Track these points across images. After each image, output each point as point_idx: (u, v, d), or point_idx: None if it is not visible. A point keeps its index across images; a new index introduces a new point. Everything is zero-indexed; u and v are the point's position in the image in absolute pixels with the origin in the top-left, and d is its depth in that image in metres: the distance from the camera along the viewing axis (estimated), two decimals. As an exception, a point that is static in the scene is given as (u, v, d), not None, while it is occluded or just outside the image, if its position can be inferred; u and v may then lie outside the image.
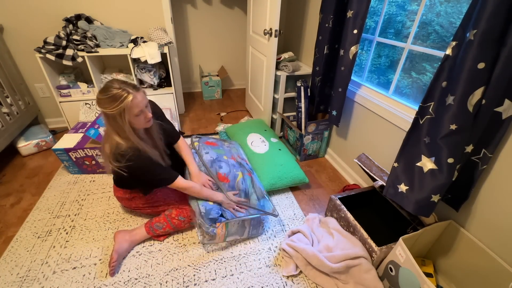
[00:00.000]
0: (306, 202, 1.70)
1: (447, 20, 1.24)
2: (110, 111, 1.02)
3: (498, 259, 1.00)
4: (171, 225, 1.34)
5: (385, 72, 1.63)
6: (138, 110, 1.06)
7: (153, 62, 2.04)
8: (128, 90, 1.03)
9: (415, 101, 1.41)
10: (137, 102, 1.05)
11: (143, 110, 1.10)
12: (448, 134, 0.96)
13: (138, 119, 1.09)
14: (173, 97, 2.33)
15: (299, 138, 2.02)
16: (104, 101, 1.02)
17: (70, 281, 1.19)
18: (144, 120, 1.12)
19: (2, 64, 1.95)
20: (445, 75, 0.99)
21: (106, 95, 1.02)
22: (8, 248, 1.32)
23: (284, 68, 2.10)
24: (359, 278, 1.14)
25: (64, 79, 2.15)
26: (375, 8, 1.63)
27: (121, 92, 1.01)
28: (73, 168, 1.82)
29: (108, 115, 1.05)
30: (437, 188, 1.03)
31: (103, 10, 2.17)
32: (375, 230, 1.41)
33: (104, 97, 1.02)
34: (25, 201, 1.62)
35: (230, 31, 3.19)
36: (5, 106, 1.91)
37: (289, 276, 1.25)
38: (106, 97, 1.02)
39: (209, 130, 2.53)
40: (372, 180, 1.47)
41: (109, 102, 1.02)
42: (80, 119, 2.10)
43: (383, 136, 1.55)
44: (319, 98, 1.91)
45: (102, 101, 1.03)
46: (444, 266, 1.23)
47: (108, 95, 1.01)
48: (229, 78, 3.55)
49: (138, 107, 1.06)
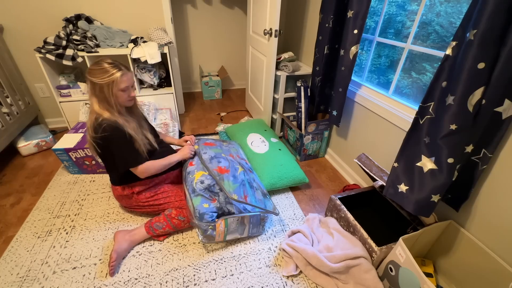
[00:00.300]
0: (306, 202, 1.70)
1: (447, 20, 1.24)
2: (100, 80, 1.14)
3: (498, 259, 1.00)
4: (171, 225, 1.35)
5: (385, 72, 1.63)
6: (124, 85, 1.19)
7: (153, 62, 2.04)
8: (120, 67, 1.18)
9: (415, 101, 1.41)
10: (126, 79, 1.19)
11: (129, 88, 1.23)
12: (448, 134, 0.96)
13: (122, 95, 1.21)
14: (173, 97, 2.33)
15: (299, 138, 2.02)
16: (95, 71, 1.14)
17: (70, 281, 1.19)
18: (127, 97, 1.24)
19: (2, 64, 1.95)
20: (445, 75, 0.99)
21: (99, 66, 1.15)
22: (8, 248, 1.32)
23: (284, 68, 2.10)
24: (359, 278, 1.14)
25: (64, 79, 2.15)
26: (375, 8, 1.63)
27: (113, 66, 1.16)
28: (73, 168, 1.82)
29: (96, 84, 1.15)
30: (437, 188, 1.03)
31: (103, 10, 2.17)
32: (375, 230, 1.41)
33: (96, 68, 1.15)
34: (25, 201, 1.62)
35: (230, 31, 3.19)
36: (5, 106, 1.91)
37: (289, 276, 1.25)
38: (98, 68, 1.14)
39: (209, 130, 2.53)
40: (372, 180, 1.47)
41: (101, 73, 1.14)
42: (80, 119, 2.10)
43: (383, 136, 1.55)
44: (319, 98, 1.91)
45: (94, 71, 1.14)
46: (444, 266, 1.23)
47: (101, 66, 1.15)
48: (229, 78, 3.55)
49: (125, 83, 1.19)
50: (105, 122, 1.17)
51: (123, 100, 1.23)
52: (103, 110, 1.19)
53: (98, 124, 1.17)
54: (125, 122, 1.23)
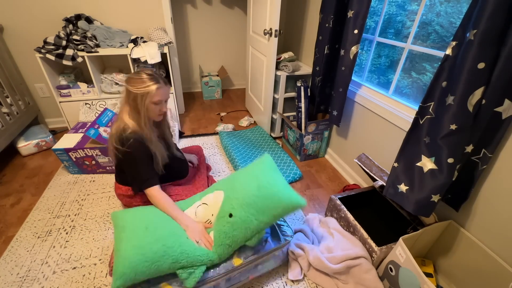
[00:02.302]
0: (306, 202, 1.70)
1: (447, 20, 1.24)
2: (135, 90, 1.13)
3: (498, 259, 1.00)
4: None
5: (385, 72, 1.63)
6: (158, 99, 1.17)
7: (153, 62, 2.04)
8: (158, 80, 1.17)
9: (415, 101, 1.41)
10: (161, 92, 1.17)
11: (162, 102, 1.21)
12: (448, 134, 0.96)
13: (154, 108, 1.20)
14: (173, 97, 2.33)
15: (299, 138, 2.02)
16: (133, 80, 1.15)
17: (70, 281, 1.19)
18: (158, 111, 1.22)
19: (2, 64, 1.95)
20: (445, 75, 0.99)
21: (137, 76, 1.15)
22: (8, 248, 1.32)
23: (284, 68, 2.10)
24: (359, 278, 1.14)
25: (64, 79, 2.15)
26: (375, 8, 1.63)
27: (151, 78, 1.15)
28: (73, 168, 1.82)
29: (130, 93, 1.15)
30: (437, 188, 1.03)
31: (103, 10, 2.17)
32: (375, 230, 1.41)
33: (135, 76, 1.15)
34: (25, 201, 1.62)
35: (230, 31, 3.19)
36: (5, 106, 1.91)
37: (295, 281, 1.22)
38: (137, 77, 1.15)
39: (209, 130, 2.53)
40: (372, 180, 1.47)
41: (138, 82, 1.14)
42: (80, 119, 2.10)
43: (383, 136, 1.55)
44: (319, 98, 1.91)
45: (132, 80, 1.15)
46: (444, 266, 1.23)
47: (139, 76, 1.15)
48: (229, 78, 3.55)
49: (159, 97, 1.17)
50: (132, 137, 1.15)
51: (153, 113, 1.21)
52: (131, 120, 1.18)
53: (126, 138, 1.15)
54: (150, 135, 1.21)
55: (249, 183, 1.13)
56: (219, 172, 1.93)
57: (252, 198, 1.07)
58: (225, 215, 1.07)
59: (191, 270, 0.99)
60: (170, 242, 0.99)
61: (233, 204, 1.09)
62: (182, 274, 0.97)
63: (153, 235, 1.00)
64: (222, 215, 1.09)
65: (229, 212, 1.07)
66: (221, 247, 1.04)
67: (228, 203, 1.11)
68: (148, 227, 1.03)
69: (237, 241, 1.04)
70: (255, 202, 1.06)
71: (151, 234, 1.00)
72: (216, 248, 1.04)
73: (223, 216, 1.08)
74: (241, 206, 1.06)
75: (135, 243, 0.96)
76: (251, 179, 1.15)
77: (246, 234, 1.03)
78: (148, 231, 1.01)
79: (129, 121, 1.18)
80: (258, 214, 1.04)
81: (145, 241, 0.97)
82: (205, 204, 1.19)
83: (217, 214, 1.12)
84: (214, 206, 1.16)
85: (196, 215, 1.17)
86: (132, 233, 1.00)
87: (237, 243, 1.04)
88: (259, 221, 1.04)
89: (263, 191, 1.08)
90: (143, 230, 1.01)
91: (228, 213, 1.07)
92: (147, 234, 1.00)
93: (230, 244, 1.04)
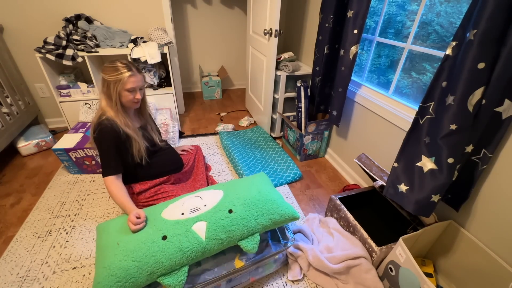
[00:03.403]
0: (306, 202, 1.70)
1: (447, 20, 1.24)
2: (108, 77, 1.18)
3: (498, 259, 1.00)
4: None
5: (385, 72, 1.63)
6: (130, 86, 1.21)
7: (153, 62, 2.04)
8: (131, 68, 1.21)
9: (415, 101, 1.41)
10: (133, 80, 1.21)
11: (135, 90, 1.24)
12: (448, 134, 0.96)
13: (128, 95, 1.23)
14: (173, 97, 2.33)
15: (299, 138, 2.02)
16: (107, 68, 1.19)
17: (70, 281, 1.19)
18: (132, 98, 1.25)
19: (2, 64, 1.95)
20: (445, 75, 0.99)
21: (112, 64, 1.20)
22: (8, 248, 1.32)
23: (284, 68, 2.10)
24: (359, 278, 1.14)
25: (64, 79, 2.15)
26: (375, 8, 1.63)
27: (124, 66, 1.20)
28: (73, 168, 1.82)
29: (105, 81, 1.20)
30: (437, 188, 1.02)
31: (103, 10, 2.17)
32: (375, 230, 1.41)
33: (109, 65, 1.20)
34: (25, 201, 1.62)
35: (230, 31, 3.19)
36: (5, 106, 1.91)
37: (295, 281, 1.22)
38: (111, 66, 1.19)
39: (209, 130, 2.53)
40: (372, 180, 1.47)
41: (112, 70, 1.18)
42: (80, 119, 2.10)
43: (383, 136, 1.55)
44: (319, 98, 1.91)
45: (106, 68, 1.20)
46: (444, 266, 1.23)
47: (113, 64, 1.19)
48: (229, 78, 3.55)
49: (132, 84, 1.21)
50: (103, 123, 1.19)
51: (127, 100, 1.24)
52: (107, 107, 1.23)
53: (98, 124, 1.20)
54: (127, 122, 1.25)
55: (250, 188, 1.19)
56: (219, 172, 1.93)
57: (253, 200, 1.11)
58: (224, 209, 1.07)
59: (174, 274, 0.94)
60: (140, 255, 0.92)
61: (234, 202, 1.10)
62: (163, 280, 0.93)
63: (123, 251, 0.93)
64: (221, 209, 1.08)
65: (229, 208, 1.08)
66: (213, 242, 1.00)
67: (228, 200, 1.12)
68: (120, 242, 0.96)
69: (231, 238, 1.02)
70: (255, 204, 1.10)
71: (121, 250, 0.93)
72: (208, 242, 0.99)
73: (222, 210, 1.07)
74: (242, 205, 1.09)
75: (105, 264, 0.90)
76: (252, 185, 1.21)
77: (242, 232, 1.03)
78: (118, 248, 0.94)
79: (106, 109, 1.23)
80: (258, 215, 1.07)
81: (115, 259, 0.91)
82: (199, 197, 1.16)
83: (213, 206, 1.09)
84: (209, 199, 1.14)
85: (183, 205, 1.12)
86: (103, 252, 0.95)
87: (231, 240, 1.03)
88: (257, 222, 1.06)
89: (264, 196, 1.14)
90: (114, 248, 0.95)
91: (228, 208, 1.08)
92: (116, 251, 0.93)
93: (224, 239, 1.01)
